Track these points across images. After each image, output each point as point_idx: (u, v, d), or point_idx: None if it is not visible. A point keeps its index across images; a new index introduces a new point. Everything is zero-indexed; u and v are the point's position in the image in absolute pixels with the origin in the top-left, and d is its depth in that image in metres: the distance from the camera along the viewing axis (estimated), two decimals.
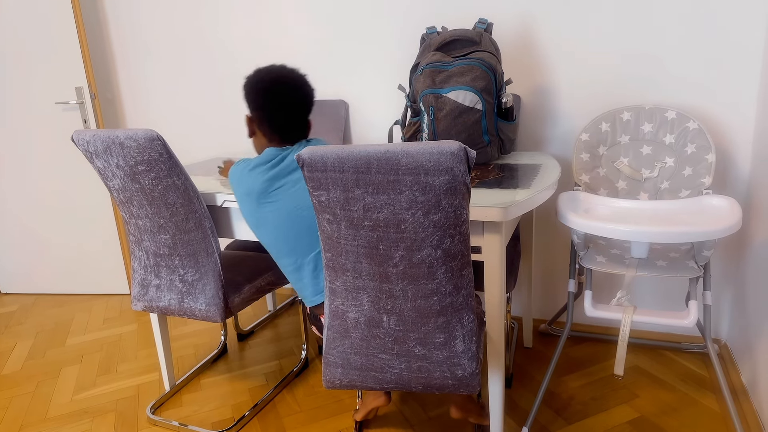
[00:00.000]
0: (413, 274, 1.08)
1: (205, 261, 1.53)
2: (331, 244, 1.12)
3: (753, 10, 1.67)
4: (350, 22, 2.18)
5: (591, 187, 1.75)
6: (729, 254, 1.89)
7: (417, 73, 1.67)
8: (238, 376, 1.98)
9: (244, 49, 2.39)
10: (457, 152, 0.95)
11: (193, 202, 1.46)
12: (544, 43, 1.93)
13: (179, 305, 1.60)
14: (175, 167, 1.41)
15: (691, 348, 1.96)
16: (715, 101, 1.78)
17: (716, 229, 1.27)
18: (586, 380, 1.82)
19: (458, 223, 1.03)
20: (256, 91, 1.37)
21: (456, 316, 1.12)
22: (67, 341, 2.34)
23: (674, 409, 1.64)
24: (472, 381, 1.17)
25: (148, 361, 2.13)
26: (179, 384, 1.93)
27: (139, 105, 2.68)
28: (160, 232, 1.53)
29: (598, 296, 2.09)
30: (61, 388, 1.98)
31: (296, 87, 1.37)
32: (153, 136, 1.36)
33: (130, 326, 2.44)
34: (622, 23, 1.82)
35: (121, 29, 2.58)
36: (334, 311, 1.20)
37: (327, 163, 1.02)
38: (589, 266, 1.51)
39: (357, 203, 1.04)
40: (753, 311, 1.65)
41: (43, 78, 2.51)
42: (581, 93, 1.93)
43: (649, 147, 1.72)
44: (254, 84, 1.37)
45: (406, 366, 1.18)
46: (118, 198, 1.53)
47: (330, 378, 1.24)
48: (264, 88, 1.35)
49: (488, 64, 1.60)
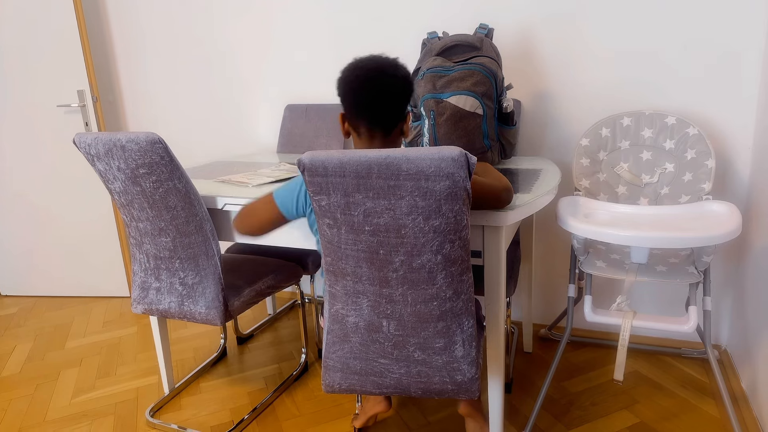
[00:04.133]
0: (413, 279, 1.08)
1: (206, 264, 1.53)
2: (331, 248, 1.12)
3: (753, 16, 1.68)
4: (352, 26, 2.19)
5: (591, 192, 1.75)
6: (729, 260, 1.89)
7: (418, 77, 1.67)
8: (237, 379, 1.98)
9: (245, 52, 2.40)
10: (458, 158, 0.95)
11: (193, 205, 1.47)
12: (544, 48, 1.94)
13: (179, 308, 1.60)
14: (176, 170, 1.42)
15: (690, 354, 1.96)
16: (714, 107, 1.78)
17: (716, 234, 1.27)
18: (586, 385, 1.82)
19: (458, 228, 1.03)
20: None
21: (456, 321, 1.12)
22: (67, 344, 2.34)
23: (674, 415, 1.64)
24: (471, 386, 1.17)
25: (148, 364, 2.13)
26: (178, 387, 1.93)
27: (141, 108, 2.68)
28: (160, 235, 1.53)
29: (598, 301, 2.09)
30: (60, 391, 1.97)
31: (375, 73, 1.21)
32: (154, 139, 1.37)
33: (130, 329, 2.44)
34: (623, 29, 1.83)
35: (123, 32, 2.59)
36: (334, 315, 1.20)
37: (328, 168, 1.02)
38: (589, 271, 1.52)
39: (358, 208, 1.04)
40: (753, 317, 1.65)
41: (45, 81, 2.52)
42: (581, 98, 1.93)
43: (649, 152, 1.72)
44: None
45: (405, 371, 1.17)
46: (119, 201, 1.53)
47: (329, 382, 1.24)
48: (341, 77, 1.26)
49: (489, 69, 1.60)
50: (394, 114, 1.22)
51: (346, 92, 1.22)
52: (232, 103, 2.50)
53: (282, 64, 2.35)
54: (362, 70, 1.20)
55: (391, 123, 1.23)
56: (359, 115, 1.22)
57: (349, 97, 1.22)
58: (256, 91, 2.44)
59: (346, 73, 1.23)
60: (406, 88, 1.23)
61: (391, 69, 1.21)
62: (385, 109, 1.21)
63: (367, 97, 1.20)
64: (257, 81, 2.42)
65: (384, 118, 1.22)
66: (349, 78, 1.21)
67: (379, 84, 1.19)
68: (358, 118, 1.23)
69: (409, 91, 1.24)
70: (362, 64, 1.21)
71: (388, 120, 1.22)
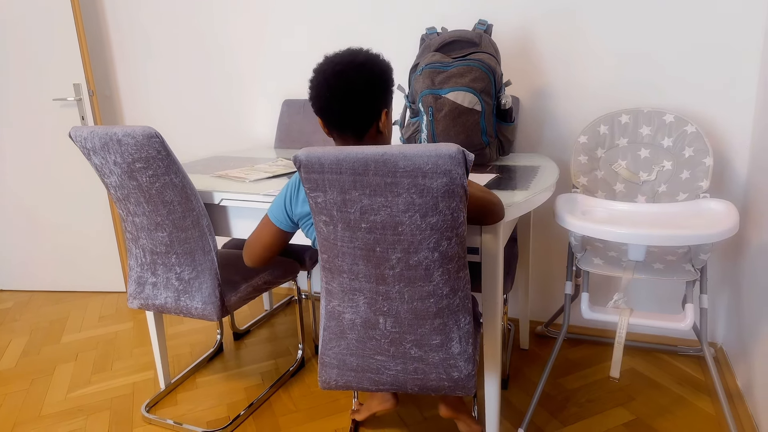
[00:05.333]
0: (410, 276, 1.08)
1: (202, 259, 1.53)
2: (327, 245, 1.12)
3: (751, 14, 1.67)
4: (350, 22, 2.18)
5: (589, 190, 1.75)
6: (725, 258, 1.89)
7: (416, 73, 1.67)
8: (233, 375, 1.98)
9: (243, 47, 2.38)
10: (455, 155, 0.95)
11: (190, 200, 1.46)
12: (543, 45, 1.93)
13: (175, 303, 1.59)
14: (172, 165, 1.41)
15: (686, 351, 1.96)
16: (713, 105, 1.78)
17: (713, 232, 1.27)
18: (582, 382, 1.82)
19: (455, 225, 1.03)
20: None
21: (452, 318, 1.12)
22: (63, 338, 2.33)
23: (670, 412, 1.64)
24: (468, 383, 1.17)
25: (144, 359, 2.13)
26: (174, 382, 1.93)
27: (137, 102, 2.67)
28: (157, 229, 1.52)
29: (594, 298, 2.10)
30: (56, 386, 1.97)
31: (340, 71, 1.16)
32: (151, 133, 1.36)
33: (126, 324, 2.44)
34: (621, 26, 1.82)
35: (120, 26, 2.57)
36: (330, 312, 1.20)
37: (324, 165, 1.01)
38: (586, 268, 1.51)
39: (354, 205, 1.03)
40: (749, 315, 1.65)
41: (41, 74, 2.50)
42: (580, 95, 1.93)
43: (647, 150, 1.72)
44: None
45: (402, 367, 1.17)
46: (115, 195, 1.52)
47: (326, 379, 1.24)
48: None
49: (487, 65, 1.59)
50: (361, 115, 1.16)
51: (311, 96, 1.19)
52: (230, 97, 2.48)
53: (280, 59, 2.34)
54: (323, 74, 1.15)
55: (360, 124, 1.17)
56: (326, 119, 1.19)
57: (315, 102, 1.18)
58: (254, 86, 2.42)
59: (312, 74, 1.18)
60: (374, 86, 1.16)
61: (354, 69, 1.14)
62: (349, 111, 1.15)
63: (330, 100, 1.15)
64: (255, 76, 2.41)
65: (350, 121, 1.16)
66: (313, 81, 1.17)
67: (342, 86, 1.13)
68: (326, 122, 1.19)
69: (379, 88, 1.17)
70: (324, 67, 1.16)
71: (356, 122, 1.16)
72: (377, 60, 1.18)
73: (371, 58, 1.17)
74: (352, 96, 1.14)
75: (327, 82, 1.14)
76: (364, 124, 1.18)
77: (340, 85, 1.14)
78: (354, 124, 1.17)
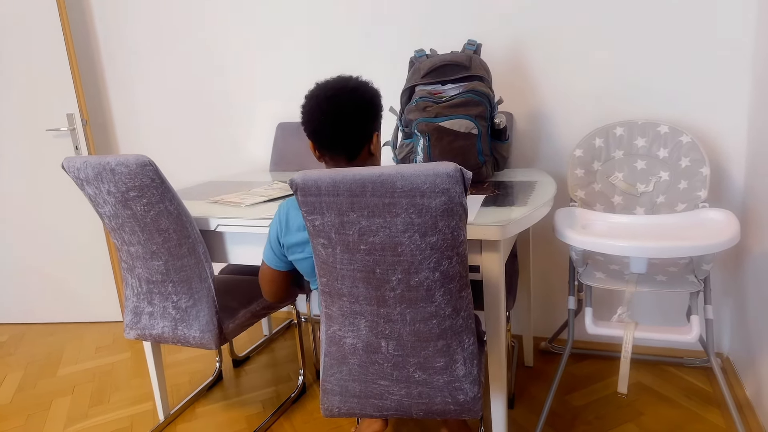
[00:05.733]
0: (411, 297, 1.06)
1: (199, 287, 1.51)
2: (326, 269, 1.10)
3: (743, 24, 1.69)
4: (340, 43, 2.19)
5: (587, 203, 1.74)
6: (726, 266, 1.88)
7: (411, 104, 1.67)
8: (234, 403, 1.94)
9: (236, 72, 2.39)
10: (453, 174, 0.94)
11: (186, 227, 1.44)
12: (533, 60, 1.94)
13: (173, 333, 1.56)
14: (167, 192, 1.39)
15: (693, 362, 1.94)
16: (706, 114, 1.79)
17: (716, 242, 1.26)
18: (590, 399, 1.79)
19: (456, 244, 1.02)
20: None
21: (456, 339, 1.10)
22: (59, 371, 2.29)
23: (679, 426, 1.61)
24: (474, 405, 1.14)
25: (142, 390, 2.08)
26: (174, 413, 1.88)
27: (131, 130, 2.66)
28: (152, 258, 1.50)
29: (598, 312, 2.07)
30: (53, 421, 1.92)
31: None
32: (144, 162, 1.35)
33: (123, 355, 2.39)
34: (611, 39, 1.83)
35: (113, 55, 2.58)
36: (331, 337, 1.17)
37: (321, 187, 1.00)
38: (588, 283, 1.50)
39: (352, 227, 1.02)
40: (754, 323, 1.63)
41: (34, 104, 2.50)
42: (573, 109, 1.93)
43: (643, 161, 1.72)
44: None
45: (406, 392, 1.15)
46: (110, 225, 1.51)
47: (328, 406, 1.21)
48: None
49: (481, 92, 1.61)
50: (353, 137, 1.20)
51: (304, 121, 1.22)
52: (224, 122, 2.48)
53: (273, 82, 2.34)
54: (316, 99, 1.20)
55: (352, 147, 1.21)
56: (318, 141, 1.22)
57: (308, 125, 1.22)
58: (248, 110, 2.43)
59: (305, 100, 1.23)
60: (365, 110, 1.20)
61: (345, 94, 1.18)
62: (341, 132, 1.19)
63: (323, 122, 1.19)
64: (248, 100, 2.41)
65: (342, 142, 1.20)
66: (306, 106, 1.22)
67: (333, 110, 1.17)
68: (318, 144, 1.22)
69: (370, 112, 1.21)
70: (316, 92, 1.21)
71: (348, 143, 1.20)
72: (367, 87, 1.23)
73: (362, 84, 1.22)
74: (343, 118, 1.18)
75: (319, 107, 1.18)
76: (355, 146, 1.21)
77: (332, 109, 1.18)
78: (346, 145, 1.21)
